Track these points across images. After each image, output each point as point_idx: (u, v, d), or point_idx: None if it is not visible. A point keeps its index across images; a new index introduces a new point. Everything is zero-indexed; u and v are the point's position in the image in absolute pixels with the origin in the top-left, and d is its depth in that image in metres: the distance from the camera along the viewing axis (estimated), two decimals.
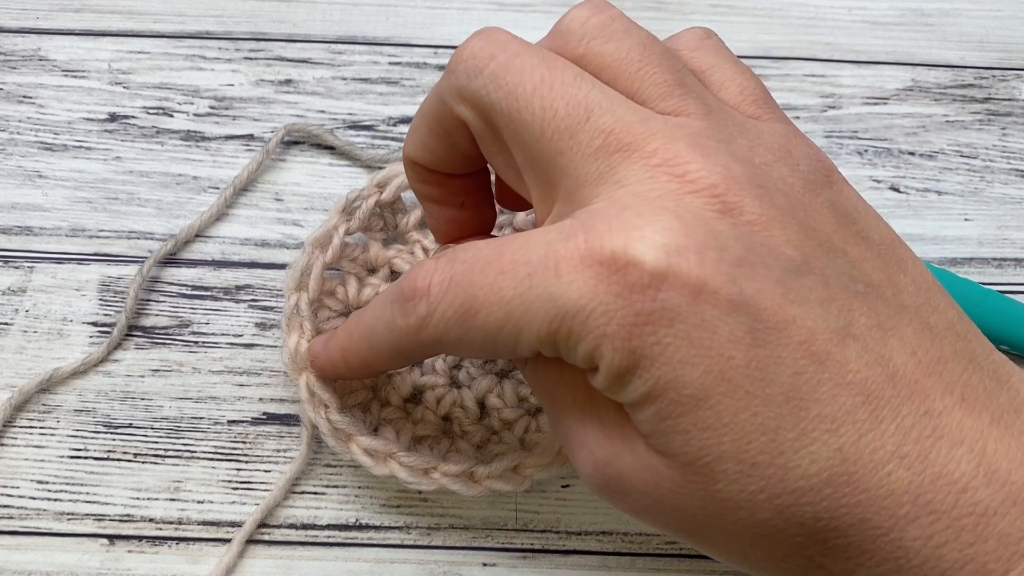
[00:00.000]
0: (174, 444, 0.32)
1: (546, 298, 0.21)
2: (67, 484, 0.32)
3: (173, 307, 0.34)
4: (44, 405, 0.33)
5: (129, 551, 0.31)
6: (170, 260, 0.35)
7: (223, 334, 0.34)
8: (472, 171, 0.27)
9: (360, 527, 0.32)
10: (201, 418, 0.33)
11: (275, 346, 0.34)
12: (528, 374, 0.25)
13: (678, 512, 0.21)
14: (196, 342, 0.34)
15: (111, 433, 0.32)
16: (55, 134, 0.37)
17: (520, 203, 0.29)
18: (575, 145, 0.22)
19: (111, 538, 0.31)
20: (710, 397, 0.20)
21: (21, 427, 0.32)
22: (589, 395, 0.23)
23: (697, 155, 0.21)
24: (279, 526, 0.32)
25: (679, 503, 0.21)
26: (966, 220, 0.37)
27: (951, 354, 0.21)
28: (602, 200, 0.21)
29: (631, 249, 0.20)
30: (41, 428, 0.32)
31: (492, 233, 0.30)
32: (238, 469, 0.32)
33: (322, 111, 0.38)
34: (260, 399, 0.33)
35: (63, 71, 0.38)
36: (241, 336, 0.34)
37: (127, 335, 0.34)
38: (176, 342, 0.34)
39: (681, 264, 0.20)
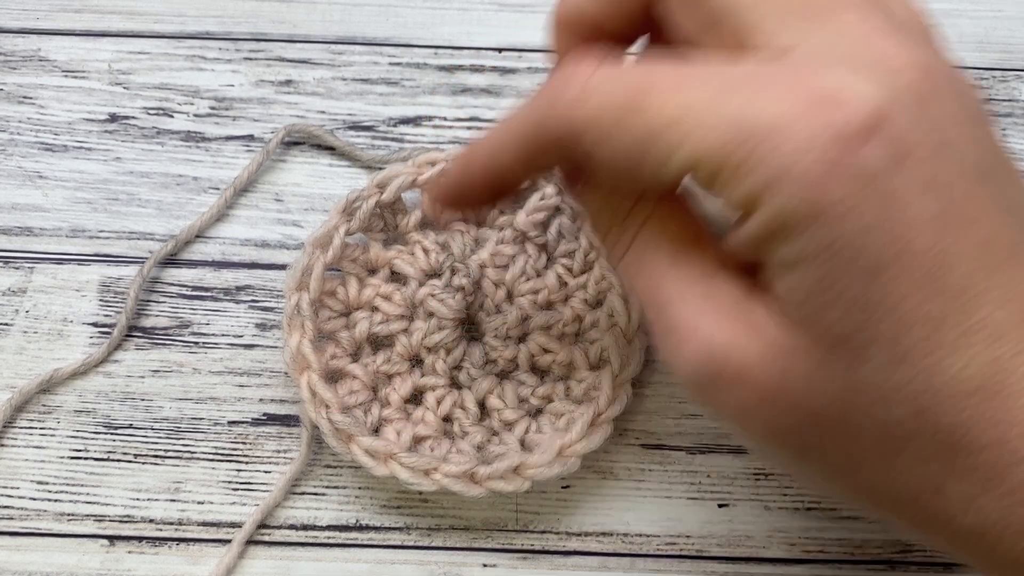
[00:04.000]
0: (174, 445, 0.32)
1: (735, 110, 0.19)
2: (67, 485, 0.32)
3: (173, 308, 0.34)
4: (44, 406, 0.33)
5: (129, 552, 0.31)
6: (170, 261, 0.35)
7: (223, 335, 0.34)
8: (627, 40, 0.25)
9: (360, 528, 0.32)
10: (201, 419, 0.33)
11: (275, 347, 0.34)
12: (632, 260, 0.23)
13: (800, 404, 0.20)
14: (196, 343, 0.34)
15: (111, 434, 0.32)
16: (55, 134, 0.37)
17: None
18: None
19: (111, 539, 0.31)
20: (884, 272, 0.19)
21: (21, 428, 0.32)
22: (706, 277, 0.21)
23: (895, 38, 0.20)
24: (279, 527, 0.32)
25: (808, 390, 0.20)
26: None
27: None
28: (806, 48, 0.20)
29: (848, 89, 0.18)
30: (41, 429, 0.32)
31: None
32: (238, 470, 0.32)
33: (322, 111, 0.38)
34: (260, 400, 0.33)
35: (63, 71, 0.38)
36: (241, 337, 0.34)
37: (127, 336, 0.34)
38: (176, 343, 0.34)
39: (895, 120, 0.18)
